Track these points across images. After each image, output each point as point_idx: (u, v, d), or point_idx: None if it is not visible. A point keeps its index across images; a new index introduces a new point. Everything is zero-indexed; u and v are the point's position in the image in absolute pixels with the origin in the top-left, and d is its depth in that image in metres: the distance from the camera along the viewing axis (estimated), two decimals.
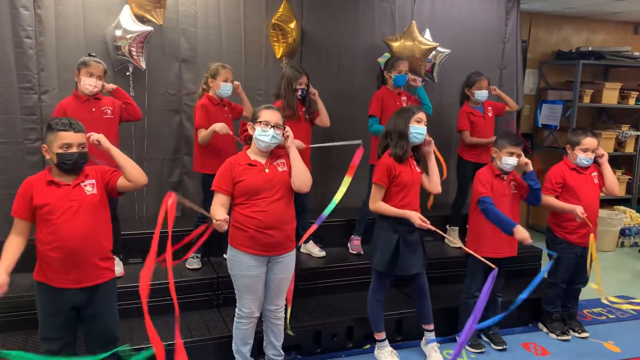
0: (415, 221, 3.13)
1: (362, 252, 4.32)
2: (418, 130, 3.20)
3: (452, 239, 4.05)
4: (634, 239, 6.31)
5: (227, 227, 2.72)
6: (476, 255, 3.26)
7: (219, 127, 3.57)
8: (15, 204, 2.49)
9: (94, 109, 3.42)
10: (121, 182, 2.59)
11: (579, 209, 3.55)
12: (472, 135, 4.50)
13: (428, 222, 3.14)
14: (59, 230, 2.43)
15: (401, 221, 3.22)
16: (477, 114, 4.53)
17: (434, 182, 3.36)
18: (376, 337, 3.52)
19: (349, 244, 4.47)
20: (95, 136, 2.59)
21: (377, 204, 3.25)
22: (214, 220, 2.68)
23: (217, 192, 2.85)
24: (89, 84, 3.39)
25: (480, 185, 3.48)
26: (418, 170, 3.32)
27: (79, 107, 3.38)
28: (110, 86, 3.58)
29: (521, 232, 3.29)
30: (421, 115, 3.22)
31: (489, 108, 4.62)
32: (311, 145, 3.88)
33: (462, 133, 4.55)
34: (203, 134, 3.65)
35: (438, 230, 3.20)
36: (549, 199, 3.72)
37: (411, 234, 3.27)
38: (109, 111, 3.48)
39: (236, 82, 3.91)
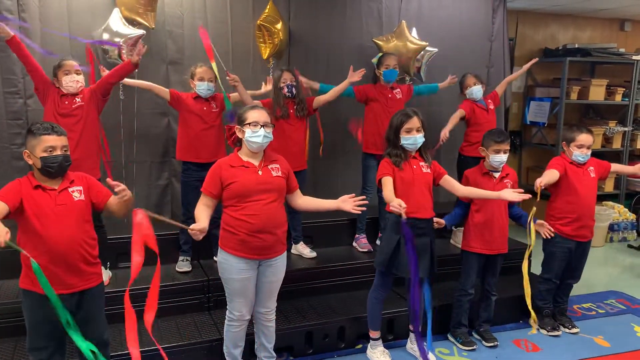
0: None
1: (372, 249, 4.31)
2: (408, 141, 3.21)
3: (458, 239, 4.06)
4: (623, 234, 6.36)
5: (202, 237, 2.70)
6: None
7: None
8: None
9: (66, 102, 3.41)
10: (109, 207, 2.63)
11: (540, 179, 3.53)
12: (476, 126, 4.47)
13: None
14: (45, 234, 2.41)
15: (407, 222, 3.22)
16: (480, 106, 4.54)
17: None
18: (371, 335, 3.52)
19: (355, 243, 4.49)
20: None
21: (384, 194, 3.20)
22: (188, 230, 2.67)
23: (203, 194, 2.84)
24: (70, 80, 3.38)
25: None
26: (425, 170, 3.28)
27: (55, 99, 3.40)
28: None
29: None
30: (410, 124, 3.19)
31: (489, 101, 4.65)
32: None
33: (459, 111, 4.51)
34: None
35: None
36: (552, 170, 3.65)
37: (418, 237, 3.22)
38: (79, 100, 3.44)
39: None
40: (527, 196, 3.18)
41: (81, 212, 2.53)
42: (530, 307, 3.68)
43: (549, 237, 3.63)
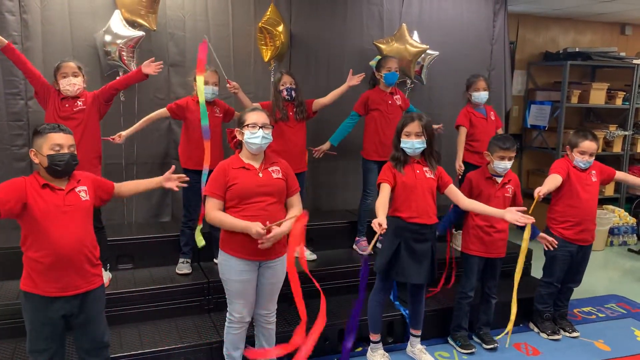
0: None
1: (373, 252, 4.31)
2: (407, 144, 3.19)
3: (458, 243, 4.05)
4: (623, 237, 6.36)
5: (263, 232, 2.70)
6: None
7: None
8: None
9: (67, 105, 3.42)
10: (117, 193, 2.77)
11: (539, 189, 3.49)
12: (474, 136, 4.44)
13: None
14: (53, 235, 2.39)
15: (408, 227, 3.21)
16: (479, 115, 4.47)
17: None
18: (371, 338, 3.52)
19: (355, 246, 4.49)
20: None
21: (377, 201, 3.17)
22: (254, 233, 2.69)
23: (210, 197, 2.83)
24: (66, 84, 3.38)
25: (462, 190, 3.56)
26: (428, 175, 3.25)
27: (56, 100, 3.41)
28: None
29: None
30: (410, 128, 3.18)
31: (492, 113, 4.57)
32: None
33: (459, 129, 4.48)
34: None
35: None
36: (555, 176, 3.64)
37: (419, 242, 3.23)
38: (80, 103, 3.44)
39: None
40: (532, 220, 3.12)
41: (87, 213, 2.53)
42: (513, 312, 3.59)
43: (552, 249, 3.57)
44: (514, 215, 3.13)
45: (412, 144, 3.18)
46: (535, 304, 3.98)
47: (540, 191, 3.46)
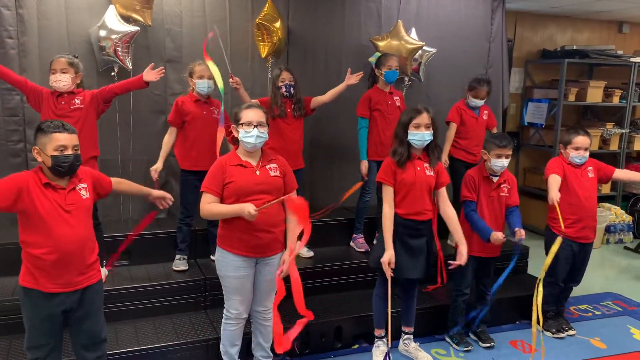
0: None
1: (369, 249, 4.30)
2: (416, 136, 3.16)
3: (452, 239, 4.04)
4: (619, 235, 6.38)
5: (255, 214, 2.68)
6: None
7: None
8: None
9: (63, 102, 3.38)
10: (116, 190, 2.79)
11: (554, 196, 3.51)
12: (461, 133, 4.45)
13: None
14: (56, 234, 2.38)
15: (403, 223, 3.21)
16: (470, 113, 4.47)
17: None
18: (375, 334, 3.51)
19: (352, 243, 4.49)
20: None
21: (384, 206, 3.21)
22: (246, 214, 2.66)
23: (206, 193, 2.81)
24: (54, 80, 3.35)
25: (465, 189, 3.56)
26: (428, 173, 3.24)
27: (50, 99, 3.38)
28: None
29: (496, 238, 3.36)
30: (419, 119, 3.14)
31: (485, 112, 4.57)
32: None
33: (449, 124, 4.49)
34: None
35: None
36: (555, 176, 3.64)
37: (414, 238, 3.23)
38: (78, 101, 3.41)
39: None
40: (460, 263, 3.22)
41: (87, 211, 2.53)
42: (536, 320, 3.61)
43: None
44: (462, 252, 3.21)
45: (422, 135, 3.16)
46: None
47: (556, 197, 3.47)
